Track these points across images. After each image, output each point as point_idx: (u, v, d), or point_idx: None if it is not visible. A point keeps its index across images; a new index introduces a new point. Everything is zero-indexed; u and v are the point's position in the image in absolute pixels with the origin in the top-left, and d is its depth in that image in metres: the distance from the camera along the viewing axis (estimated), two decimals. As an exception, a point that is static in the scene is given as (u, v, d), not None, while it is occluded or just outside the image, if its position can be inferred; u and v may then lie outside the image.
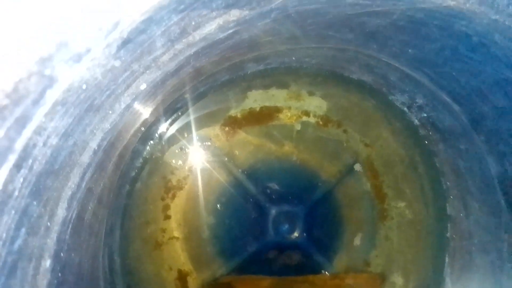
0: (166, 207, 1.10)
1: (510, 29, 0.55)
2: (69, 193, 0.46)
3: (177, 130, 1.05)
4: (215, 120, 1.13)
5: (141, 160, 0.98)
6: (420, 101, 0.93)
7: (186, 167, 1.12)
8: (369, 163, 1.20)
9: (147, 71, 0.47)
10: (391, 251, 1.20)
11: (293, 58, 0.92)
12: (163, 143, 1.06)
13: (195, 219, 1.12)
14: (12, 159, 0.30)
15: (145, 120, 0.74)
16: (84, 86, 0.36)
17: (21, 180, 0.36)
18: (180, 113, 0.99)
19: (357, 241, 1.17)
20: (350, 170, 1.18)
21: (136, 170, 0.98)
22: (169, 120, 0.99)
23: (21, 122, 0.27)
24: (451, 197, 1.06)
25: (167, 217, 1.10)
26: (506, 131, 0.77)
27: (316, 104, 1.17)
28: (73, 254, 0.54)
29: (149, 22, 0.39)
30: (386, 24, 0.66)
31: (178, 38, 0.44)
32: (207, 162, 1.12)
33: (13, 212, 0.38)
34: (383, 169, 1.20)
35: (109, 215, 0.76)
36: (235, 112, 1.14)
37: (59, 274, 0.51)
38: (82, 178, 0.48)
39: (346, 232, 1.18)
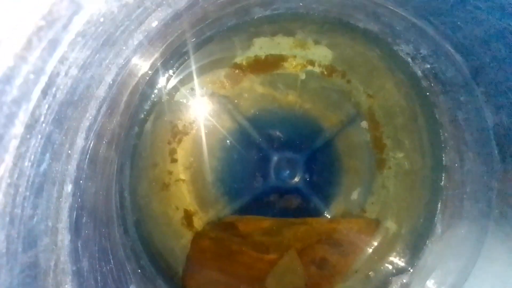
0: (173, 151, 1.15)
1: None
2: (87, 124, 0.49)
3: (183, 75, 1.07)
4: (221, 66, 1.14)
5: (149, 103, 1.01)
6: (424, 51, 0.94)
7: (192, 113, 1.15)
8: (371, 114, 1.23)
9: (159, 8, 0.49)
10: (386, 198, 1.25)
11: (300, 4, 0.92)
12: (170, 87, 1.09)
13: (200, 163, 1.17)
14: (43, 81, 0.32)
15: (154, 62, 0.76)
16: (101, 19, 0.38)
17: (46, 106, 0.40)
18: (186, 58, 1.01)
19: (354, 188, 1.23)
20: (351, 120, 1.21)
21: (145, 113, 1.01)
22: (176, 64, 1.01)
23: (53, 45, 0.30)
24: (448, 147, 1.10)
25: (174, 160, 1.15)
26: (504, 83, 0.79)
27: (322, 54, 1.18)
28: (90, 183, 0.59)
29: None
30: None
31: None
32: (212, 109, 1.15)
33: (39, 136, 0.41)
34: (384, 120, 1.23)
35: (120, 153, 0.81)
36: (241, 59, 1.15)
37: (79, 200, 0.55)
38: (98, 111, 0.51)
39: (345, 179, 1.23)
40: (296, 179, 1.18)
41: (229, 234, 1.17)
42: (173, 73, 1.05)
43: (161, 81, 1.05)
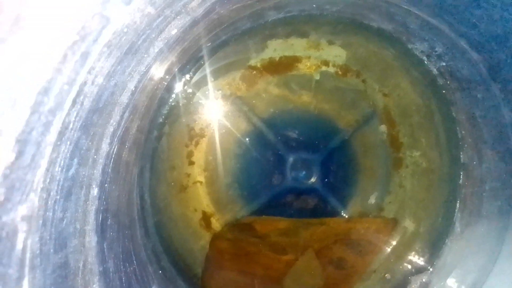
0: (190, 153, 1.17)
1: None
2: (111, 130, 0.51)
3: (200, 79, 1.09)
4: (236, 69, 1.16)
5: (167, 107, 1.04)
6: (439, 49, 0.93)
7: (208, 116, 1.17)
8: (387, 112, 1.23)
9: (178, 17, 0.50)
10: (404, 197, 1.25)
11: (314, 6, 0.93)
12: (187, 91, 1.11)
13: (217, 165, 1.18)
14: (74, 91, 0.34)
15: (172, 67, 0.78)
16: (125, 30, 0.40)
17: (75, 114, 0.42)
18: (202, 62, 1.03)
19: (371, 187, 1.23)
20: (367, 120, 1.21)
21: (163, 117, 1.03)
22: (193, 69, 1.03)
23: (84, 57, 0.32)
24: (466, 145, 1.09)
25: (191, 163, 1.17)
26: (523, 79, 0.78)
27: (336, 54, 1.18)
28: (113, 187, 0.61)
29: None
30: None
31: None
32: (228, 111, 1.17)
33: (68, 143, 0.43)
34: (400, 119, 1.23)
35: (140, 157, 0.83)
36: (255, 61, 1.17)
37: (104, 203, 0.58)
38: (121, 117, 0.53)
39: (361, 179, 1.23)
40: (313, 180, 1.19)
41: (246, 235, 1.18)
42: (190, 77, 1.07)
43: (178, 85, 1.08)
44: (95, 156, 0.50)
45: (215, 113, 1.16)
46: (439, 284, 1.06)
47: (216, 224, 1.20)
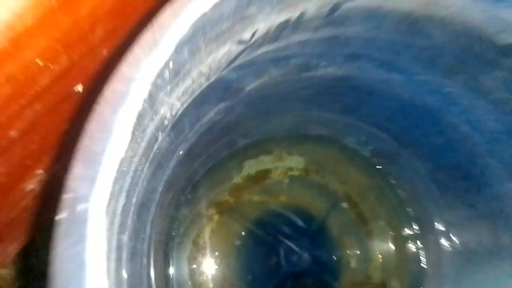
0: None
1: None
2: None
3: (194, 197, 1.41)
4: (224, 188, 1.49)
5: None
6: (363, 138, 1.31)
7: (208, 229, 1.44)
8: (348, 196, 1.53)
9: (182, 144, 0.84)
10: (385, 262, 1.46)
11: (269, 129, 1.32)
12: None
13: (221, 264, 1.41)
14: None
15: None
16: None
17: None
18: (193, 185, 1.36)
19: (355, 258, 1.45)
20: (334, 205, 1.51)
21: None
22: (186, 192, 1.35)
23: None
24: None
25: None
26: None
27: (296, 161, 1.55)
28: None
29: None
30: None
31: (195, 122, 0.83)
32: (223, 221, 1.45)
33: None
34: (360, 199, 1.53)
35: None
36: (237, 179, 1.51)
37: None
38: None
39: (345, 253, 1.45)
40: (304, 262, 1.40)
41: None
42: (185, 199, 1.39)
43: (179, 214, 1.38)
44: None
45: (213, 226, 1.44)
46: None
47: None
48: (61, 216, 0.32)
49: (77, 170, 0.35)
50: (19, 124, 0.71)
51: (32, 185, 0.82)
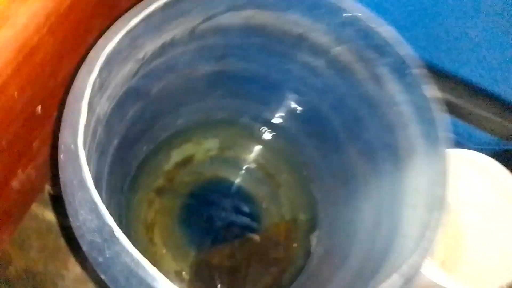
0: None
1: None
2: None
3: (134, 185, 1.76)
4: (158, 175, 1.85)
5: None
6: (252, 114, 1.76)
7: (152, 209, 1.80)
8: (255, 161, 1.97)
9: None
10: (291, 203, 1.93)
11: (182, 121, 1.72)
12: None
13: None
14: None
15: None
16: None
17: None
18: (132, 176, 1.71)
19: (270, 205, 1.90)
20: (247, 169, 1.95)
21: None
22: (127, 181, 1.71)
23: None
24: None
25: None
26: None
27: (212, 143, 1.93)
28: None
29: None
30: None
31: (121, 119, 1.21)
32: (163, 201, 1.82)
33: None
34: (265, 161, 1.97)
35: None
36: (168, 167, 1.88)
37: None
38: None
39: (262, 203, 1.90)
40: (231, 215, 1.82)
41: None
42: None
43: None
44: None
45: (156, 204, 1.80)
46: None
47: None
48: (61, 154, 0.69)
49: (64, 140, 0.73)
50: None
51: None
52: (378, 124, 1.08)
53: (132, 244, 0.55)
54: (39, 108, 0.95)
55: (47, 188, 1.61)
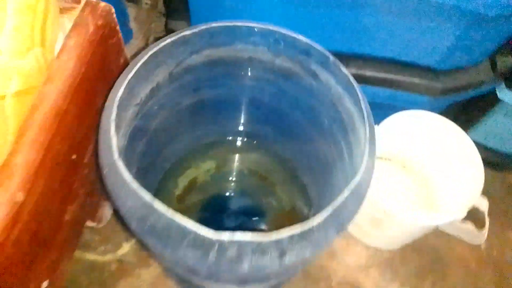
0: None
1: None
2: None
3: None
4: (171, 200, 2.16)
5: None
6: (237, 131, 2.10)
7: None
8: (248, 169, 2.29)
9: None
10: (288, 196, 2.23)
11: (181, 150, 2.06)
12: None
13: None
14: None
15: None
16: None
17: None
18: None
19: (270, 200, 2.20)
20: (243, 177, 2.26)
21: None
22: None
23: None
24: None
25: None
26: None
27: (209, 164, 2.22)
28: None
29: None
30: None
31: (134, 150, 1.54)
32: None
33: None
34: (257, 166, 2.28)
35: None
36: (178, 192, 2.19)
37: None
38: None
39: (263, 200, 2.14)
40: (239, 215, 2.10)
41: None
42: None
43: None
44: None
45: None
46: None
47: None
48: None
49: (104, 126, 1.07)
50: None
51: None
52: (326, 106, 1.42)
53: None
54: (74, 156, 1.29)
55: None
